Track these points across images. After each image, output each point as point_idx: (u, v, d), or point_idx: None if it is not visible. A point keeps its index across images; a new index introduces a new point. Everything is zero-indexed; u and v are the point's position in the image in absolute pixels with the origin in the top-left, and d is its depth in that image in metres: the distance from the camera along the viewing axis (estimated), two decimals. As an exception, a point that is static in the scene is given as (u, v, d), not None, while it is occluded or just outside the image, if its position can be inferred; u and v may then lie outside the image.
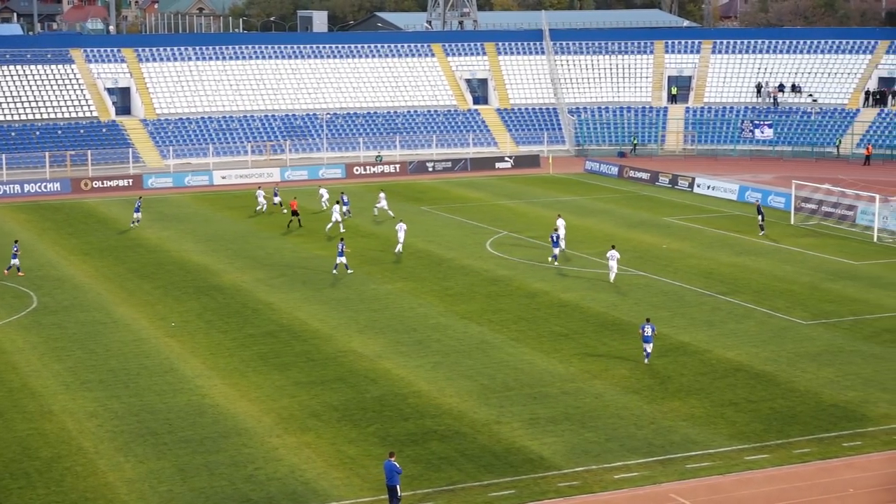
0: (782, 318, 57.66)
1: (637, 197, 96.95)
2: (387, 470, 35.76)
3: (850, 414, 44.06)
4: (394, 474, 35.55)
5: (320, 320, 57.48)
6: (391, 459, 35.78)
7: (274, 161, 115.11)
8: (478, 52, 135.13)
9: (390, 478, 35.60)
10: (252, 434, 42.21)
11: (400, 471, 35.76)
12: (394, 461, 35.73)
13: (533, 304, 60.41)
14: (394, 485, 35.59)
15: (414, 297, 62.07)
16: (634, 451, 40.46)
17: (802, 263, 70.19)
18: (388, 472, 35.67)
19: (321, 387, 47.37)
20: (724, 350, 52.13)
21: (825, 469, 39.17)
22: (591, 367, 49.72)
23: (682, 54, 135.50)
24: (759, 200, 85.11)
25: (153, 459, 39.89)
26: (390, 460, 35.75)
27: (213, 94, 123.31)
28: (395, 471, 35.57)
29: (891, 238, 78.06)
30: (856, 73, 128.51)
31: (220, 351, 52.46)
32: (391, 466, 35.62)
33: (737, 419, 43.57)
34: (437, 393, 46.54)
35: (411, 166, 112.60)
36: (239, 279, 66.47)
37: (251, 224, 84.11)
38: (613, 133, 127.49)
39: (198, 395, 46.41)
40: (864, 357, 51.08)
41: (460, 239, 77.93)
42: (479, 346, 53.02)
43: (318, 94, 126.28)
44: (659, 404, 45.18)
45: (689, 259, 71.30)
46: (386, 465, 35.86)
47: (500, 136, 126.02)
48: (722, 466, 39.28)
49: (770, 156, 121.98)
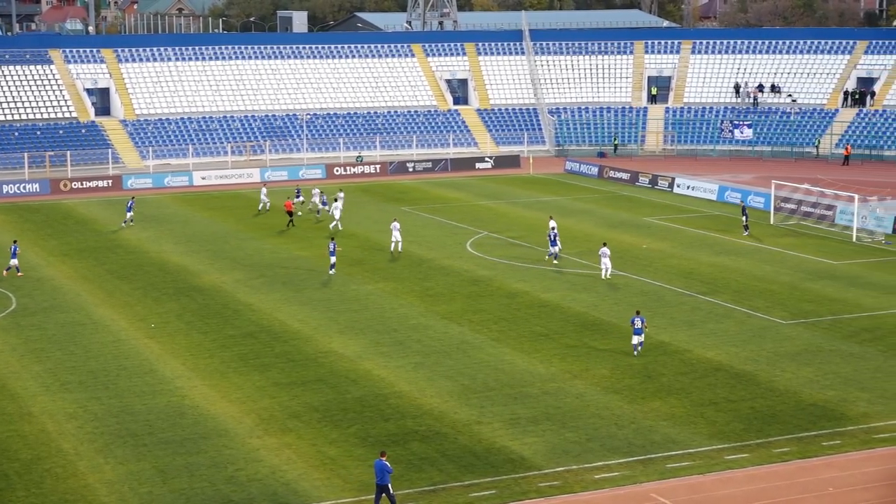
0: (762, 317, 57.81)
1: (617, 197, 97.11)
2: (377, 469, 35.74)
3: (830, 413, 44.20)
4: (384, 474, 35.56)
5: (301, 321, 57.41)
6: (382, 459, 35.79)
7: (254, 162, 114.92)
8: (458, 52, 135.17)
9: (381, 477, 35.60)
10: (232, 435, 42.13)
11: (391, 470, 35.79)
12: (385, 460, 35.73)
13: (513, 305, 60.44)
14: (385, 484, 35.57)
15: (394, 298, 62.04)
16: (615, 451, 40.52)
17: (782, 263, 70.39)
18: (379, 471, 35.66)
19: (302, 388, 47.31)
20: (704, 350, 52.24)
21: (805, 468, 39.29)
22: (571, 367, 49.77)
23: (661, 54, 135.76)
24: (742, 201, 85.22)
25: (133, 461, 39.78)
26: (381, 459, 35.76)
27: (192, 95, 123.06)
28: (385, 470, 35.57)
29: (869, 238, 78.34)
30: (834, 74, 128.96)
31: (200, 352, 52.34)
32: (382, 466, 35.63)
33: (717, 419, 43.66)
34: (417, 393, 46.53)
35: (392, 167, 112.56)
36: (219, 280, 66.35)
37: (231, 225, 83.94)
38: (593, 133, 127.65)
39: (178, 397, 46.31)
40: (843, 356, 51.26)
41: (441, 239, 77.93)
42: (459, 346, 53.03)
43: (298, 94, 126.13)
44: (639, 404, 45.25)
45: (669, 259, 71.44)
46: (377, 465, 35.84)
47: (481, 136, 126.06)
48: (702, 466, 39.36)
49: (749, 156, 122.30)
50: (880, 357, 51.17)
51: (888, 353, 51.66)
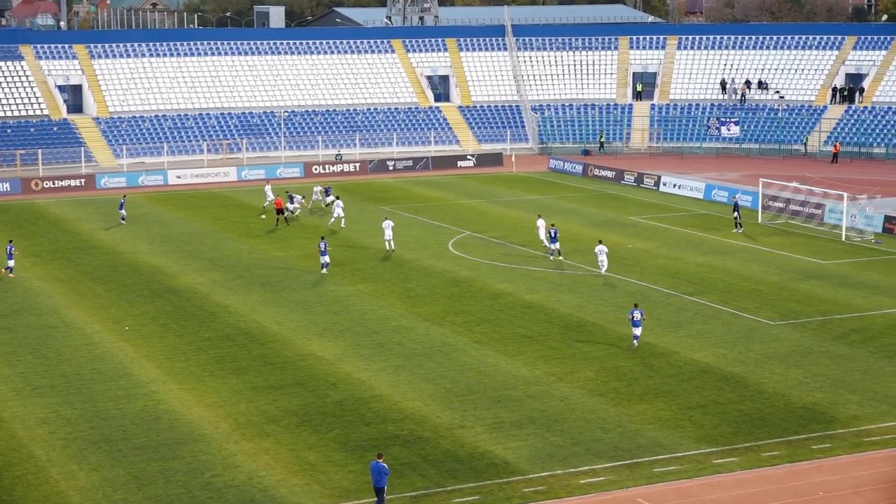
0: (750, 318, 57.90)
1: (602, 196, 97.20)
2: (374, 471, 35.90)
3: (819, 416, 44.28)
4: (381, 476, 35.72)
5: (278, 323, 57.31)
6: (379, 461, 35.93)
7: (230, 160, 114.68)
8: (439, 48, 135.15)
9: (377, 479, 35.75)
10: (209, 440, 42.01)
11: (388, 472, 35.97)
12: (381, 462, 35.86)
13: (496, 306, 60.43)
14: (381, 486, 35.71)
15: (375, 299, 61.97)
16: (601, 455, 40.52)
17: (770, 263, 70.52)
18: (376, 473, 35.82)
19: (280, 391, 47.21)
20: (692, 352, 52.29)
21: (794, 472, 39.34)
22: (556, 370, 49.76)
23: (646, 50, 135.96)
24: (737, 197, 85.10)
25: (107, 467, 39.63)
26: (378, 461, 35.91)
27: (167, 92, 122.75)
28: (382, 472, 35.73)
29: (859, 237, 78.54)
30: (823, 70, 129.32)
31: (175, 355, 52.20)
32: (378, 467, 35.77)
33: (704, 422, 43.71)
34: (398, 397, 46.48)
35: (371, 165, 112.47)
36: (195, 281, 66.19)
37: (207, 224, 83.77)
38: (577, 131, 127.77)
39: (153, 401, 46.16)
40: (833, 358, 51.37)
41: (422, 239, 77.89)
42: (441, 348, 52.99)
43: (276, 91, 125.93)
44: (625, 407, 45.27)
45: (655, 259, 71.52)
46: (373, 467, 35.99)
47: (462, 134, 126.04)
48: (690, 470, 39.39)
49: (737, 153, 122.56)
50: (870, 358, 51.29)
51: (878, 355, 51.79)
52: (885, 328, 56.15)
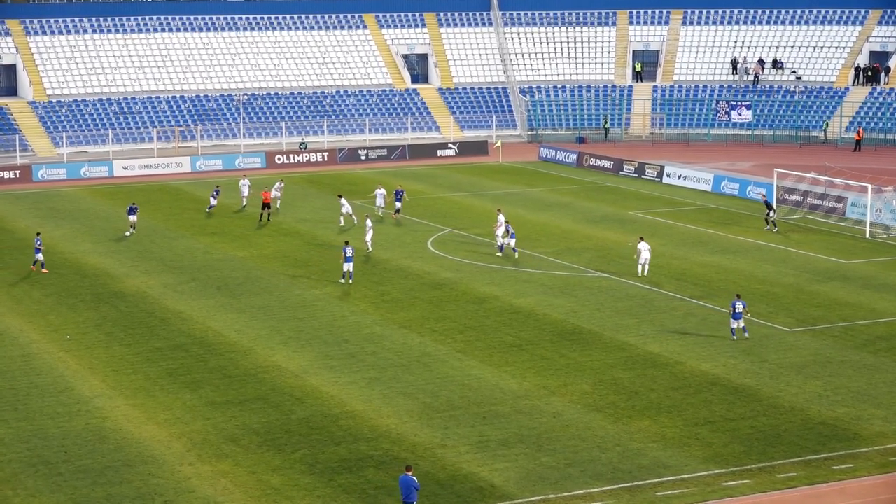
0: (764, 324, 58.11)
1: (599, 188, 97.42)
2: (402, 486, 36.39)
3: (841, 433, 44.47)
4: (411, 490, 36.25)
5: (238, 331, 57.32)
6: (408, 474, 36.45)
7: (183, 149, 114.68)
8: (416, 23, 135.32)
9: (406, 494, 36.24)
10: (160, 462, 42.00)
11: (418, 487, 36.54)
12: (411, 475, 36.40)
13: (481, 311, 60.54)
14: (411, 502, 36.25)
15: (345, 304, 62.04)
16: (598, 478, 40.64)
17: (786, 263, 70.78)
18: (405, 487, 36.32)
19: (239, 407, 47.23)
20: (699, 362, 52.46)
21: (814, 495, 39.52)
22: (548, 383, 49.88)
23: (648, 26, 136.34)
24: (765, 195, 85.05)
25: (46, 493, 39.59)
26: (407, 475, 36.42)
27: (112, 73, 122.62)
28: (412, 486, 36.28)
29: (884, 233, 78.90)
30: (844, 47, 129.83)
31: (122, 367, 52.16)
32: (408, 481, 36.30)
33: (713, 440, 43.87)
34: (372, 413, 46.54)
35: (341, 154, 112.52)
36: (144, 284, 66.15)
37: (158, 221, 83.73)
38: (571, 116, 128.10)
39: (98, 419, 46.13)
40: (856, 368, 51.59)
41: (398, 237, 77.97)
42: (420, 359, 53.06)
43: (234, 72, 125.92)
44: (625, 424, 45.41)
45: (658, 259, 71.69)
46: (402, 481, 36.47)
47: (443, 119, 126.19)
48: (697, 494, 39.53)
49: (748, 141, 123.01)
50: (897, 369, 51.61)
51: (906, 365, 52.10)
52: (914, 335, 56.52)
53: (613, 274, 67.84)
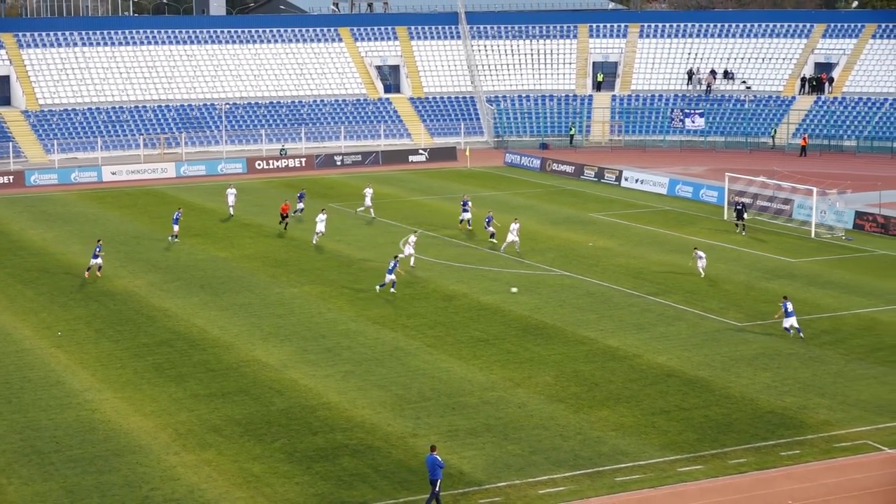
0: (716, 319, 58.27)
1: (561, 192, 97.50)
2: (429, 464, 36.91)
3: (788, 421, 44.64)
4: (436, 468, 36.73)
5: (220, 327, 57.19)
6: (433, 453, 36.92)
7: (168, 155, 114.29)
8: (389, 36, 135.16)
9: (433, 472, 36.78)
10: (147, 452, 41.89)
11: (443, 465, 37.08)
12: (436, 454, 36.88)
13: (450, 308, 60.54)
14: (435, 479, 36.74)
15: (322, 302, 61.95)
16: (560, 464, 40.68)
17: (737, 261, 70.97)
18: (431, 466, 36.80)
19: (222, 399, 47.13)
20: (655, 355, 52.58)
21: (763, 480, 39.65)
22: (513, 375, 49.91)
23: (607, 39, 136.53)
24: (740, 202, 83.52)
25: (39, 481, 39.44)
26: (433, 454, 36.90)
27: (101, 83, 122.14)
28: (437, 465, 36.76)
29: (829, 234, 79.17)
30: (791, 59, 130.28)
31: (111, 362, 51.99)
32: (433, 460, 36.75)
33: (669, 428, 43.97)
34: (348, 404, 46.50)
35: (318, 160, 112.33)
36: (131, 284, 65.93)
37: (144, 224, 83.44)
38: (535, 123, 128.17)
39: (87, 411, 45.97)
40: (803, 360, 51.78)
41: (372, 238, 77.90)
42: (392, 353, 53.04)
43: (216, 82, 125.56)
44: (586, 413, 45.47)
45: (616, 258, 71.84)
46: (428, 460, 37.01)
47: (414, 127, 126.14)
48: (653, 479, 39.61)
49: (701, 147, 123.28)
50: (841, 361, 51.74)
51: (850, 357, 52.26)
52: (857, 329, 56.67)
53: (575, 272, 67.92)
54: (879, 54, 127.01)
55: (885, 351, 53.14)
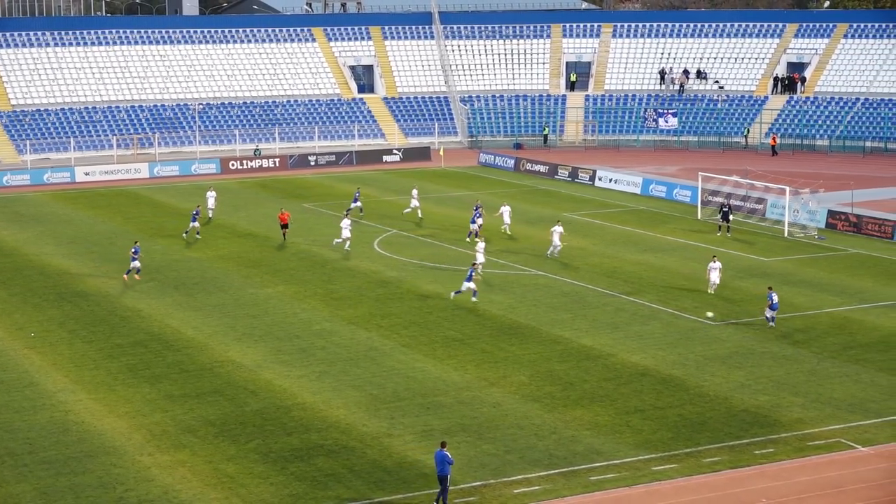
0: (690, 318, 58.39)
1: (535, 191, 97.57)
2: (437, 460, 37.12)
3: (762, 419, 44.75)
4: (445, 464, 36.90)
5: (194, 328, 57.04)
6: (443, 449, 37.11)
7: (142, 156, 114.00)
8: (362, 36, 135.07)
9: (441, 469, 36.98)
10: (121, 453, 41.75)
11: (452, 461, 37.11)
12: (445, 451, 37.06)
13: (425, 308, 60.51)
14: (445, 475, 36.91)
15: (296, 302, 61.85)
16: (535, 464, 40.70)
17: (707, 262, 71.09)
18: (439, 462, 37.03)
19: (196, 400, 47.00)
20: (629, 354, 52.65)
21: (736, 478, 39.73)
22: (488, 375, 49.91)
23: (580, 38, 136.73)
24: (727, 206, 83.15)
25: (12, 483, 39.26)
26: (442, 450, 37.10)
27: (73, 84, 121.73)
28: (446, 461, 36.92)
29: (801, 233, 79.42)
30: (763, 59, 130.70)
31: (84, 363, 51.81)
32: (442, 456, 36.97)
33: (643, 427, 44.03)
34: (322, 405, 46.43)
35: (292, 160, 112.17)
36: (105, 284, 65.71)
37: (118, 224, 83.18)
38: (509, 123, 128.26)
39: (61, 412, 45.79)
40: (776, 359, 51.93)
41: (346, 238, 77.80)
42: (367, 353, 52.99)
43: (190, 82, 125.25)
44: (561, 413, 45.50)
45: (590, 257, 71.92)
46: (437, 455, 37.21)
47: (388, 127, 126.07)
48: (628, 478, 39.66)
49: (675, 146, 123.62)
50: (814, 359, 51.91)
51: (822, 355, 52.42)
52: (830, 327, 56.86)
53: (549, 272, 67.96)
54: (851, 54, 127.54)
55: (857, 349, 53.35)
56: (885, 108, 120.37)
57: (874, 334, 55.78)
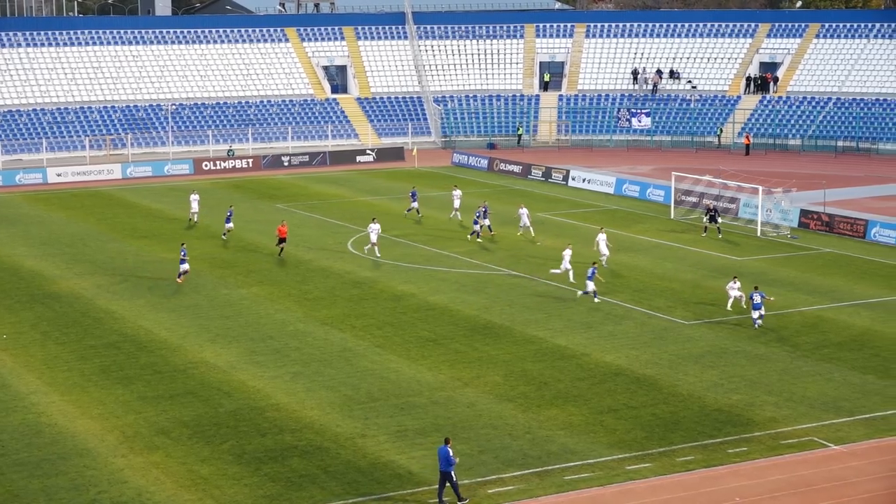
0: (663, 318, 58.52)
1: (508, 191, 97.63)
2: (441, 456, 37.41)
3: (735, 418, 44.87)
4: (444, 461, 37.31)
5: (168, 329, 56.90)
6: (446, 445, 37.49)
7: (114, 157, 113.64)
8: (336, 36, 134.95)
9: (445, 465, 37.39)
10: (94, 454, 41.62)
11: (453, 462, 37.39)
12: (449, 447, 37.46)
13: (399, 308, 60.49)
14: (447, 471, 37.32)
15: (270, 303, 61.75)
16: (509, 464, 40.73)
17: (683, 260, 71.30)
18: (443, 458, 37.32)
19: (170, 401, 46.89)
20: (603, 353, 52.73)
21: (710, 477, 39.83)
22: (462, 375, 49.93)
23: (554, 38, 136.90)
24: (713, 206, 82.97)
25: (-15, 485, 39.13)
26: (445, 446, 37.46)
27: (45, 84, 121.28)
28: (449, 460, 37.29)
29: (774, 232, 79.69)
30: (736, 59, 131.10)
31: (57, 364, 51.63)
32: (445, 453, 37.27)
33: (617, 426, 44.11)
34: (296, 405, 46.38)
35: (265, 161, 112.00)
36: (78, 286, 65.49)
37: (91, 225, 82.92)
38: (482, 123, 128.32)
39: (33, 414, 45.62)
40: (749, 358, 52.09)
41: (320, 239, 77.72)
42: (341, 353, 52.95)
43: (162, 83, 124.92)
44: (535, 412, 45.54)
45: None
46: (440, 451, 37.51)
47: (361, 127, 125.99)
48: (602, 477, 39.72)
49: (648, 146, 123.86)
50: (787, 358, 52.08)
51: (795, 354, 52.61)
52: (802, 326, 57.06)
53: (523, 272, 68.02)
54: (823, 54, 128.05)
55: (829, 348, 53.56)
56: (857, 107, 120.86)
57: (846, 333, 56.02)
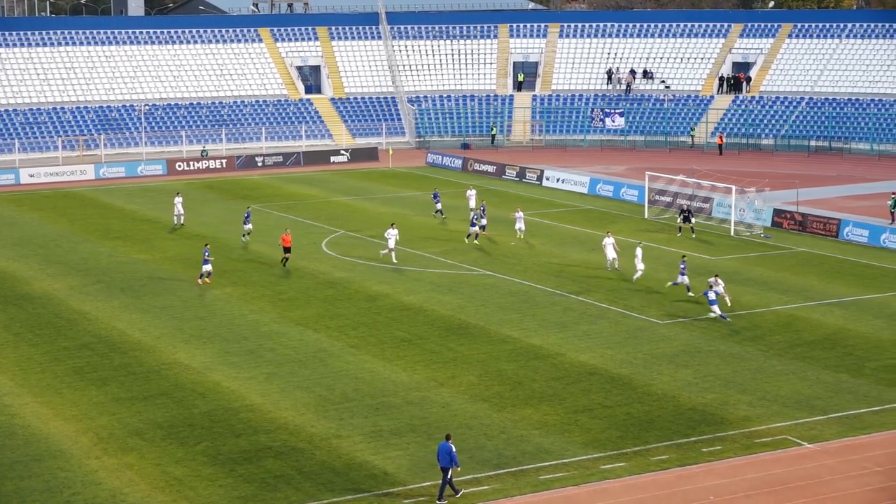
0: (637, 317, 58.62)
1: (483, 191, 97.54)
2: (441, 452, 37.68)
3: (710, 417, 44.98)
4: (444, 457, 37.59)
5: (141, 330, 56.74)
6: (448, 441, 37.82)
7: (87, 157, 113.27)
8: (309, 37, 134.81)
9: (447, 461, 37.60)
10: (68, 456, 41.47)
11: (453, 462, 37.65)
12: (450, 443, 37.81)
13: (373, 308, 60.45)
14: (442, 467, 37.61)
15: (244, 303, 61.64)
16: (484, 463, 40.73)
17: (658, 260, 71.39)
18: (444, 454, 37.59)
19: (144, 403, 46.75)
20: (578, 353, 52.80)
21: (685, 476, 39.92)
22: (436, 375, 49.93)
23: (527, 39, 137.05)
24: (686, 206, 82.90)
25: (-43, 487, 38.94)
26: (446, 442, 37.78)
27: (18, 85, 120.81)
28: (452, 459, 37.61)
29: (748, 231, 79.92)
30: (709, 59, 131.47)
31: (30, 366, 51.42)
32: (447, 449, 37.55)
33: (592, 426, 44.16)
34: (271, 406, 46.30)
35: (239, 161, 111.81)
36: (50, 287, 65.25)
37: (63, 226, 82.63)
38: (456, 123, 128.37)
39: (6, 416, 45.43)
40: (723, 357, 52.22)
41: (294, 239, 77.42)
42: (316, 354, 52.89)
43: (135, 83, 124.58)
44: (509, 412, 45.56)
45: (538, 257, 72.07)
46: (440, 447, 37.81)
47: (335, 127, 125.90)
48: (577, 477, 39.76)
49: (622, 146, 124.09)
50: (761, 357, 52.24)
51: (769, 353, 52.76)
52: (775, 325, 57.23)
53: (497, 272, 68.06)
54: (796, 54, 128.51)
55: (803, 347, 53.74)
56: (830, 107, 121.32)
57: (819, 332, 56.22)
